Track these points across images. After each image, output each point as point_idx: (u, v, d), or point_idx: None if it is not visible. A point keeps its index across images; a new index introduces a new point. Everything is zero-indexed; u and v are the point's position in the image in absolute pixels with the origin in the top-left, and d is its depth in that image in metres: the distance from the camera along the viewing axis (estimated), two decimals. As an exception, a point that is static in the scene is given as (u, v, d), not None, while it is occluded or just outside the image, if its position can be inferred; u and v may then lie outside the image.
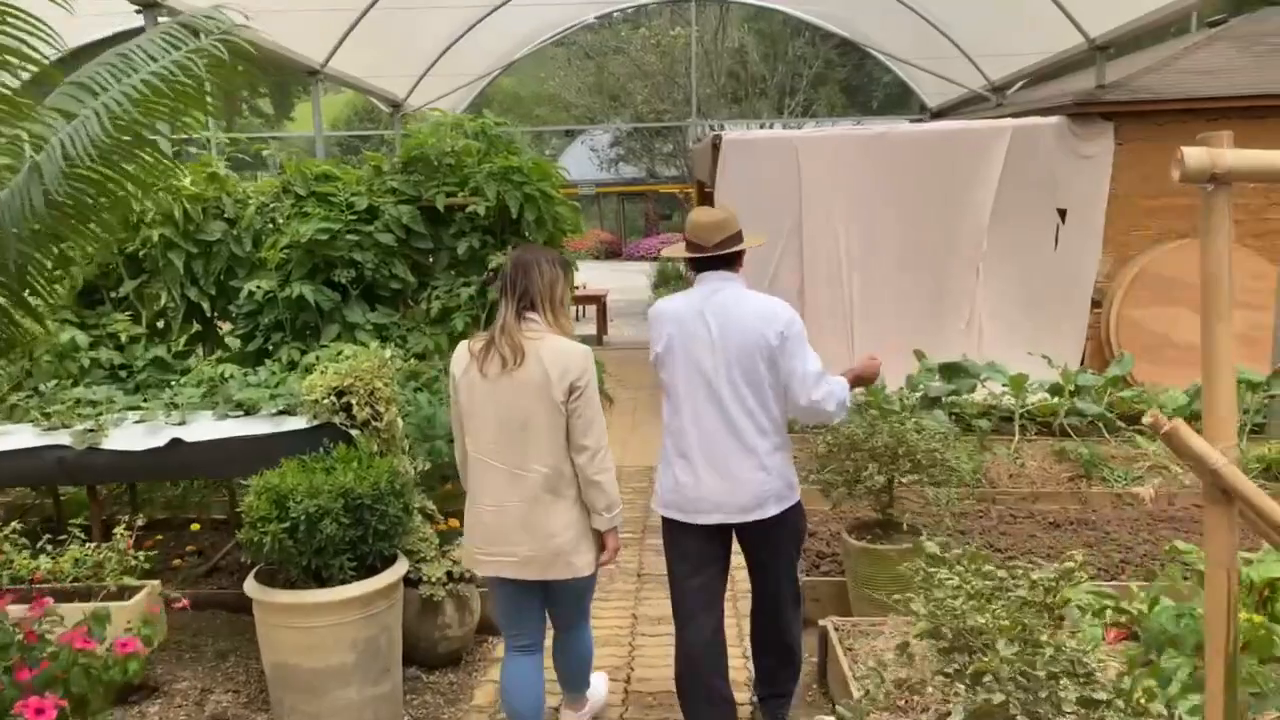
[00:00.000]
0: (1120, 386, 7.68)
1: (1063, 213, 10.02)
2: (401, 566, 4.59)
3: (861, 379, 4.18)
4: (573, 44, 21.82)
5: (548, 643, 4.06)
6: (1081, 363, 10.17)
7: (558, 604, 3.89)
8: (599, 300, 15.14)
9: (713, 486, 3.69)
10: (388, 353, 4.88)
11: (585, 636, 4.07)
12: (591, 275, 16.78)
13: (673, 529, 3.84)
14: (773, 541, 3.87)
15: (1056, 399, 7.71)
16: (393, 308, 5.65)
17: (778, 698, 4.15)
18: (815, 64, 19.30)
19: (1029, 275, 10.08)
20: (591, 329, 14.99)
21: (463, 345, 3.69)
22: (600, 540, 3.69)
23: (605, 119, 21.55)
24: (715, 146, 9.98)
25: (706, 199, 14.51)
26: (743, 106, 19.70)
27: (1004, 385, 7.53)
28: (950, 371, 7.55)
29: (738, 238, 3.89)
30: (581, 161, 24.60)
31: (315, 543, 4.25)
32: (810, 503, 7.01)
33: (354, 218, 5.50)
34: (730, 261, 3.88)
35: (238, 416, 4.82)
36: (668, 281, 18.13)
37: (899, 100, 18.53)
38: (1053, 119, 9.94)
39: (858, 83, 20.30)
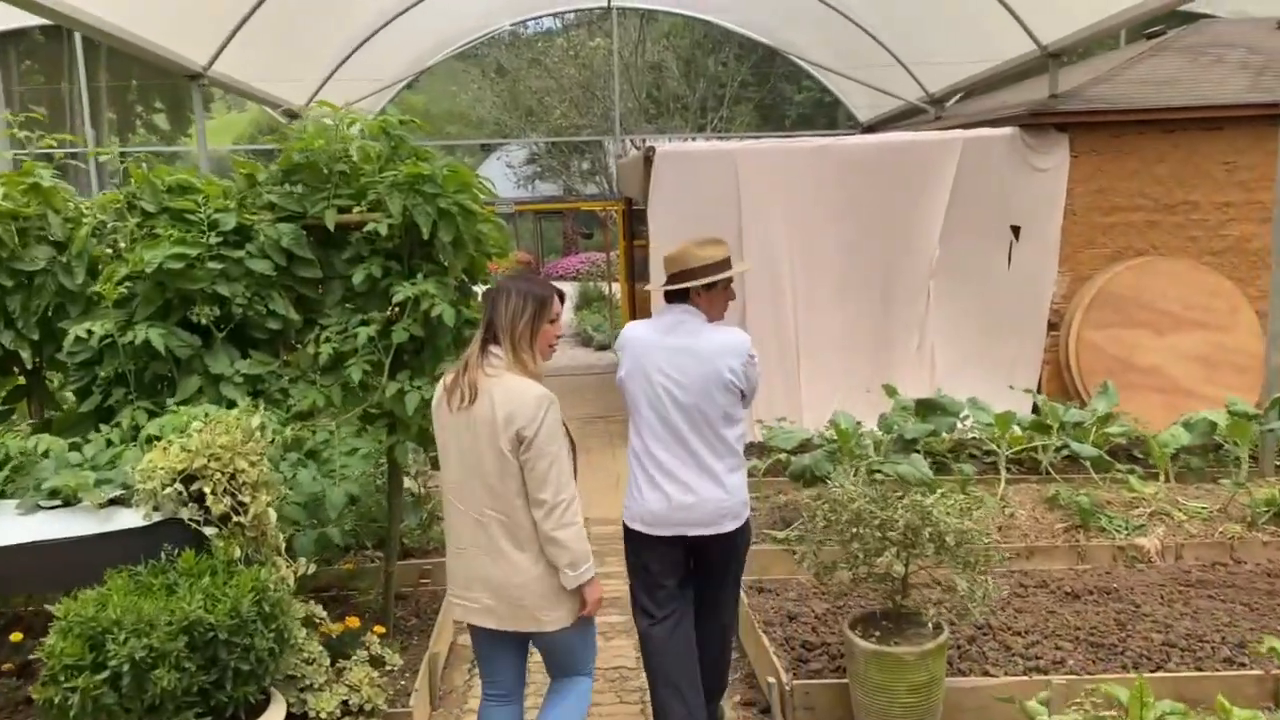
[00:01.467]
0: (1107, 421, 6.65)
1: (1016, 230, 9.03)
2: (277, 713, 3.27)
3: None
4: (486, 57, 20.49)
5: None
6: (1039, 388, 9.19)
7: (541, 651, 3.47)
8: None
9: (677, 503, 3.75)
10: (256, 420, 3.54)
11: (577, 690, 3.48)
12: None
13: (637, 541, 3.87)
14: (725, 554, 3.94)
15: (1040, 437, 6.64)
16: (270, 353, 4.32)
17: (712, 694, 4.12)
18: (738, 78, 18.23)
19: (982, 296, 9.07)
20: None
21: (442, 380, 3.38)
22: (579, 593, 3.26)
23: (522, 134, 20.23)
24: (648, 160, 8.78)
25: (636, 216, 13.34)
26: (662, 123, 18.54)
27: (987, 424, 6.44)
28: (926, 409, 6.44)
29: (712, 269, 3.86)
30: (497, 179, 23.16)
31: (147, 699, 2.91)
32: (779, 565, 5.92)
33: (219, 240, 4.15)
34: (686, 294, 3.87)
35: (53, 508, 3.45)
36: (590, 302, 16.87)
37: (826, 115, 17.57)
38: (1005, 130, 8.94)
39: (782, 97, 19.27)
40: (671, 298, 3.88)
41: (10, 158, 5.29)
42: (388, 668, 4.36)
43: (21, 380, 4.60)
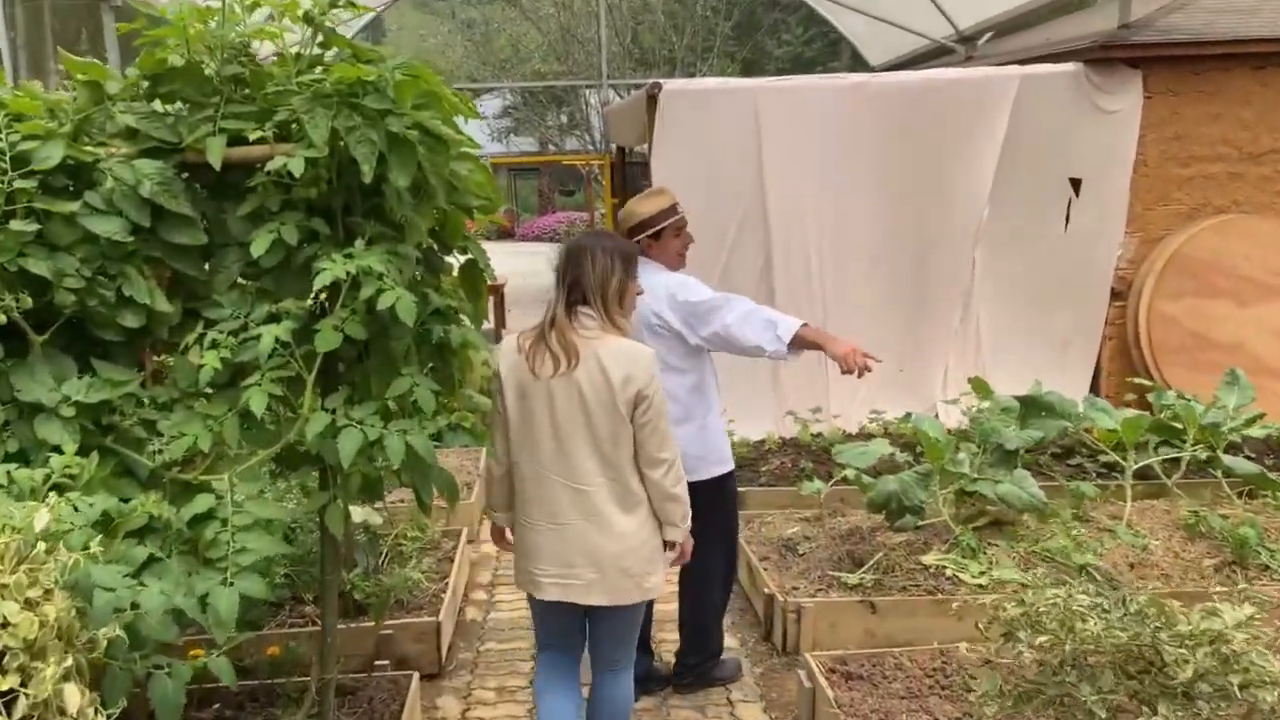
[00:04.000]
0: (1251, 424, 5.05)
1: (1076, 184, 7.38)
2: None
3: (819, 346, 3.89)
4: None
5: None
6: (1097, 369, 7.61)
7: (604, 637, 3.11)
8: (496, 289, 12.04)
9: None
10: (42, 520, 1.84)
11: (626, 682, 3.17)
12: (485, 258, 13.47)
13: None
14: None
15: (1181, 447, 5.00)
16: (127, 363, 2.62)
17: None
18: (731, 18, 16.24)
19: (1035, 261, 7.41)
20: (488, 324, 11.86)
21: (510, 339, 3.05)
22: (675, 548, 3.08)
23: (497, 80, 18.18)
24: (652, 99, 7.03)
25: (632, 171, 11.57)
26: (649, 72, 16.62)
27: (1110, 429, 4.81)
28: (1028, 409, 4.82)
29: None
30: (470, 132, 21.27)
31: None
32: (851, 623, 4.32)
33: (34, 185, 2.45)
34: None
35: None
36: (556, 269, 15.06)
37: (828, 59, 15.68)
38: (1068, 66, 7.24)
39: (779, 40, 17.21)
40: None
41: None
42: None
43: None
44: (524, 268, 17.65)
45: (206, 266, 2.76)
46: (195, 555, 2.49)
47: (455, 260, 3.04)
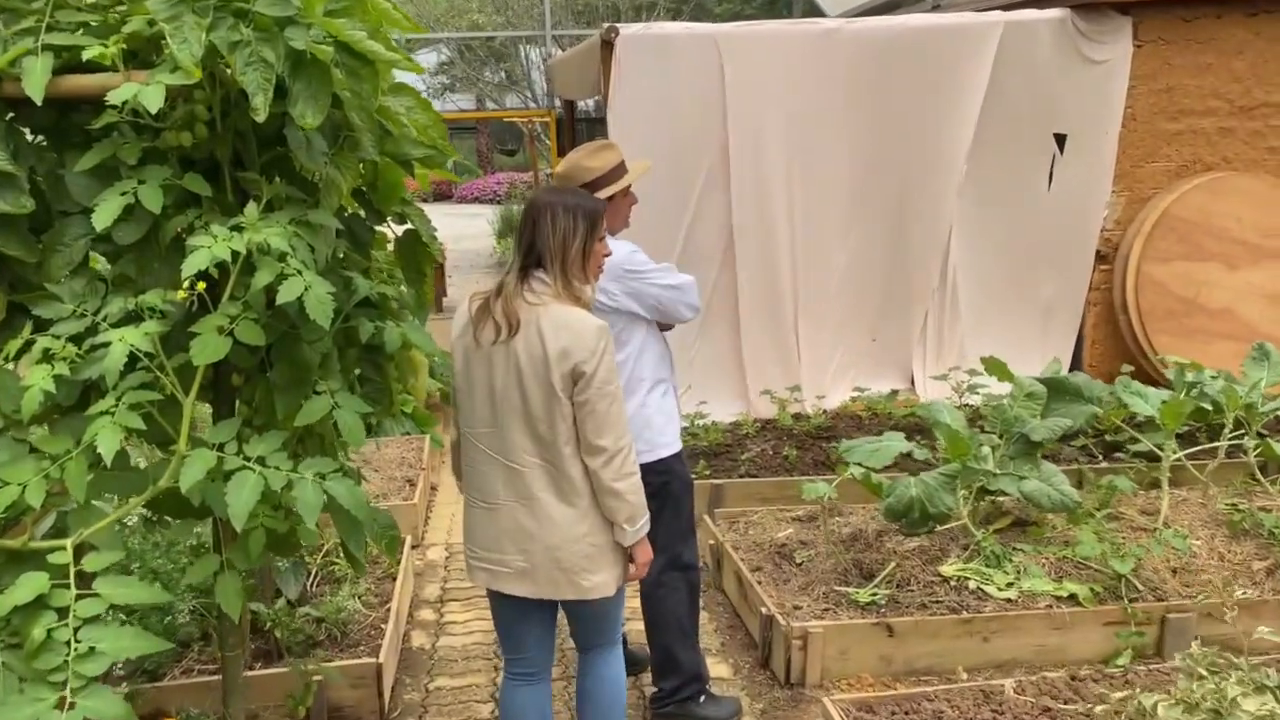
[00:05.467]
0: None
1: (1060, 140, 6.74)
2: None
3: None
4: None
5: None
6: (1080, 336, 7.03)
7: (572, 620, 2.83)
8: (435, 254, 11.13)
9: None
10: None
11: (614, 661, 2.88)
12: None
13: None
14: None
15: (1219, 433, 4.38)
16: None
17: None
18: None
19: (1016, 222, 6.75)
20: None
21: (464, 304, 2.66)
22: (625, 554, 2.65)
23: (435, 31, 16.91)
24: (607, 44, 6.20)
25: (582, 128, 10.69)
26: (593, 27, 15.55)
27: (1149, 415, 4.16)
28: (1055, 393, 4.15)
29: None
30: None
31: None
32: (864, 650, 3.64)
33: None
34: None
35: None
36: (514, 228, 14.17)
37: (781, 10, 14.75)
38: (1053, 11, 6.54)
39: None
40: None
41: None
42: None
43: None
44: (463, 230, 16.68)
45: (39, 243, 1.93)
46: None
47: (391, 231, 2.24)
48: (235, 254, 1.70)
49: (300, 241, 1.77)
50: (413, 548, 4.72)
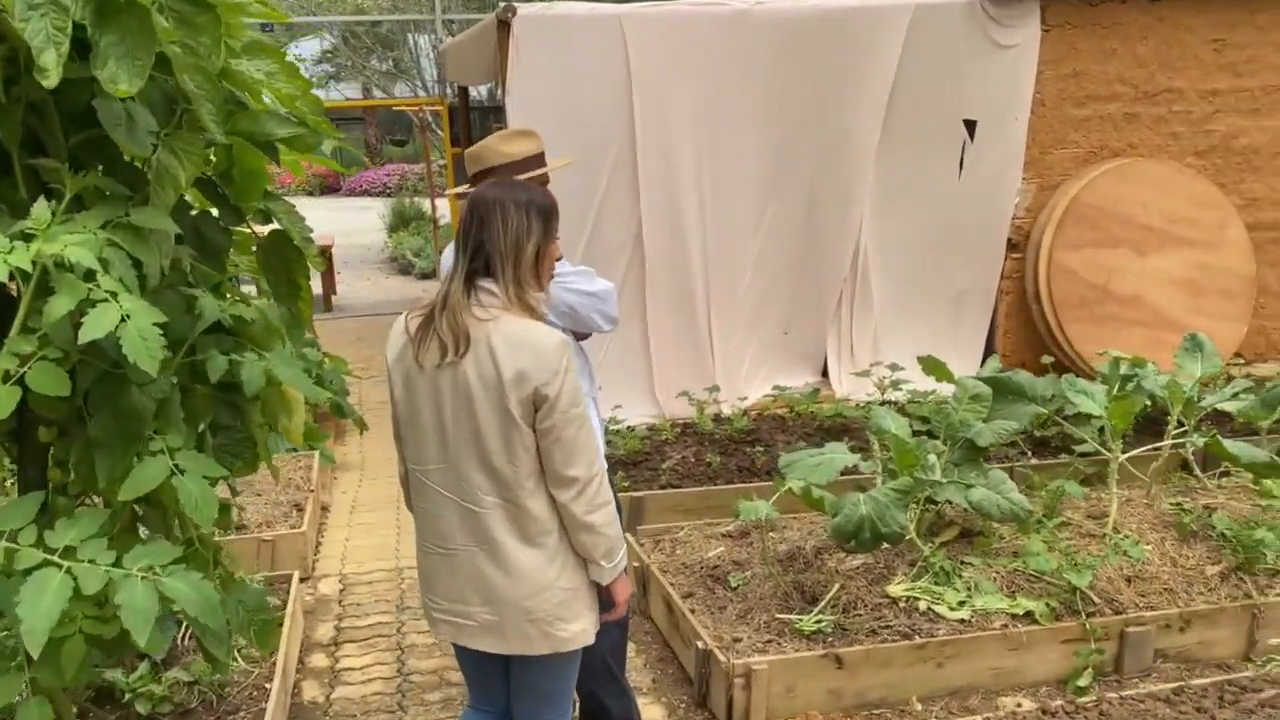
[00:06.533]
0: (1232, 398, 4.23)
1: (971, 127, 6.52)
2: None
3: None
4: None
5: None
6: (993, 322, 6.83)
7: (522, 690, 2.40)
8: (324, 251, 10.42)
9: None
10: None
11: None
12: (306, 217, 11.81)
13: None
14: None
15: (1162, 430, 4.14)
16: None
17: None
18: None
19: (927, 211, 6.51)
20: (315, 288, 10.22)
21: (400, 321, 2.28)
22: (599, 594, 2.33)
23: (320, 15, 15.90)
24: (503, 26, 5.70)
25: (476, 116, 10.11)
26: (485, 11, 14.83)
27: (1093, 414, 3.88)
28: (999, 393, 3.84)
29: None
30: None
31: None
32: (811, 684, 3.22)
33: None
34: None
35: None
36: (407, 222, 13.44)
37: None
38: (961, -6, 6.35)
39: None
40: None
41: None
42: None
43: None
44: (350, 225, 15.88)
45: None
46: None
47: (251, 232, 1.74)
48: (18, 271, 1.20)
49: (117, 252, 1.27)
50: (302, 581, 4.17)
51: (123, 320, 1.22)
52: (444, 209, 12.14)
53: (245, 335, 1.60)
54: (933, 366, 4.15)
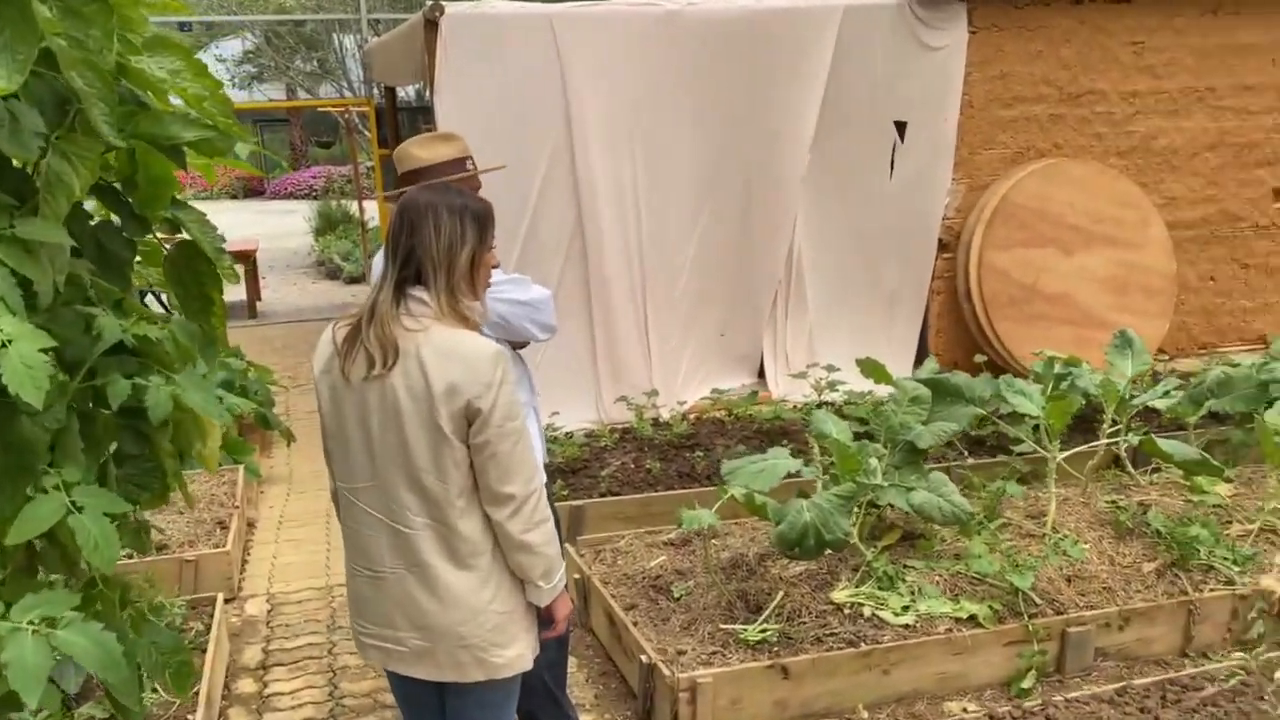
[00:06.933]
0: (1164, 395, 4.27)
1: (901, 128, 6.54)
2: None
3: None
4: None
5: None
6: (925, 321, 6.86)
7: (456, 716, 2.29)
8: (248, 255, 10.09)
9: None
10: None
11: None
12: (229, 221, 11.44)
13: None
14: None
15: (1098, 429, 4.16)
16: None
17: None
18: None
19: (859, 212, 6.51)
20: (239, 295, 9.91)
21: (327, 331, 2.17)
22: (538, 615, 2.23)
23: (243, 14, 15.37)
24: (431, 25, 5.56)
25: (406, 117, 9.89)
26: (412, 10, 14.46)
27: (1030, 415, 3.88)
28: (938, 394, 3.81)
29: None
30: (207, 79, 18.32)
31: None
32: (757, 695, 3.18)
33: None
34: None
35: None
36: (334, 225, 13.13)
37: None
38: (890, -4, 6.36)
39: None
40: None
41: None
42: None
43: None
44: (275, 229, 15.49)
45: None
46: None
47: (159, 243, 1.60)
48: None
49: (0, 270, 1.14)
50: (227, 602, 3.98)
51: (3, 346, 1.09)
52: (372, 212, 11.89)
53: (151, 356, 1.46)
54: (872, 369, 4.12)
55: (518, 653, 2.20)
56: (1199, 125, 6.94)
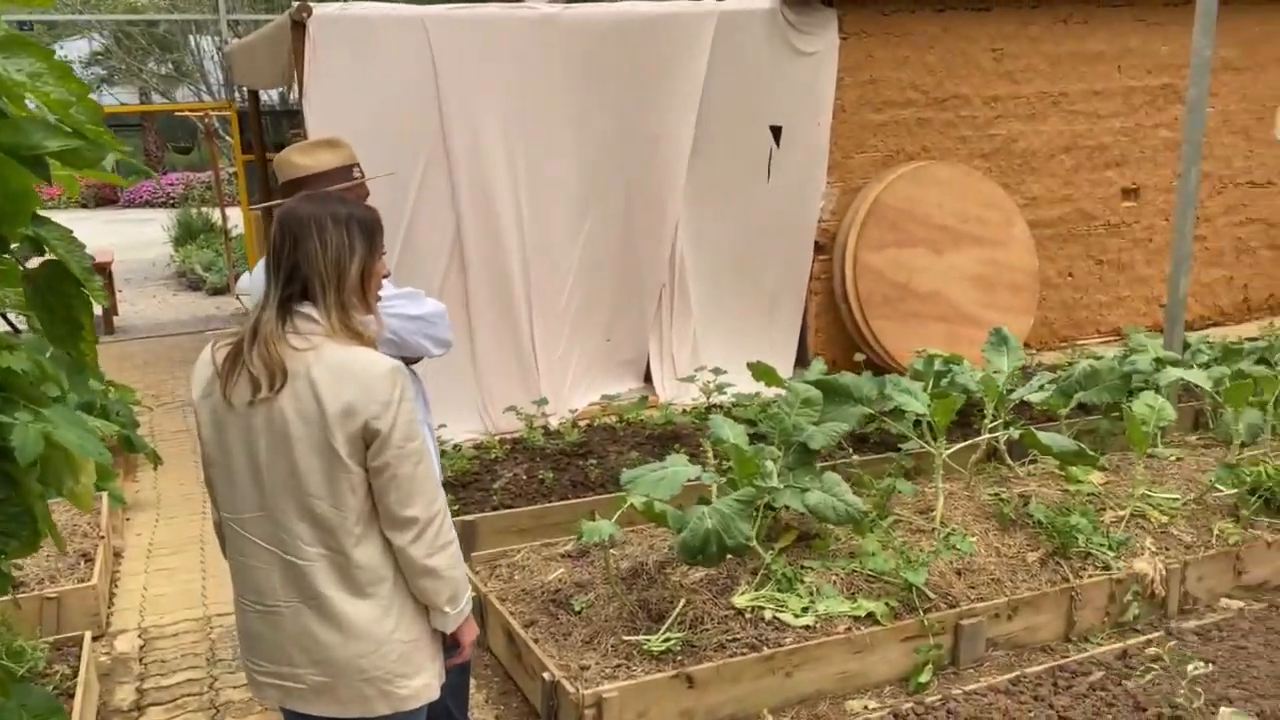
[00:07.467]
0: (1039, 390, 4.41)
1: (776, 132, 6.63)
2: None
3: None
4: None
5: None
6: (804, 322, 6.97)
7: None
8: (103, 268, 9.54)
9: None
10: None
11: None
12: (81, 232, 10.82)
13: None
14: None
15: (979, 424, 4.26)
16: None
17: None
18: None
19: (738, 216, 6.59)
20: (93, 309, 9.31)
21: (206, 351, 2.03)
22: (444, 641, 2.15)
23: (90, 13, 14.48)
24: (298, 26, 5.34)
25: (267, 120, 9.48)
26: (272, 10, 13.88)
27: (918, 412, 3.95)
28: (828, 395, 3.84)
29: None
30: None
31: None
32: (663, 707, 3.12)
33: None
34: None
35: None
36: (195, 234, 12.51)
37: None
38: (763, 2, 6.42)
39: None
40: None
41: None
42: None
43: None
44: (131, 239, 14.70)
45: None
46: None
47: (17, 264, 1.44)
48: None
49: None
50: (95, 639, 3.71)
51: None
52: (236, 220, 11.40)
53: (16, 389, 1.31)
54: (762, 372, 4.15)
55: (424, 682, 2.10)
56: (1054, 128, 7.26)
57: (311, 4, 5.30)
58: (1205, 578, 3.84)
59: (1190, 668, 2.94)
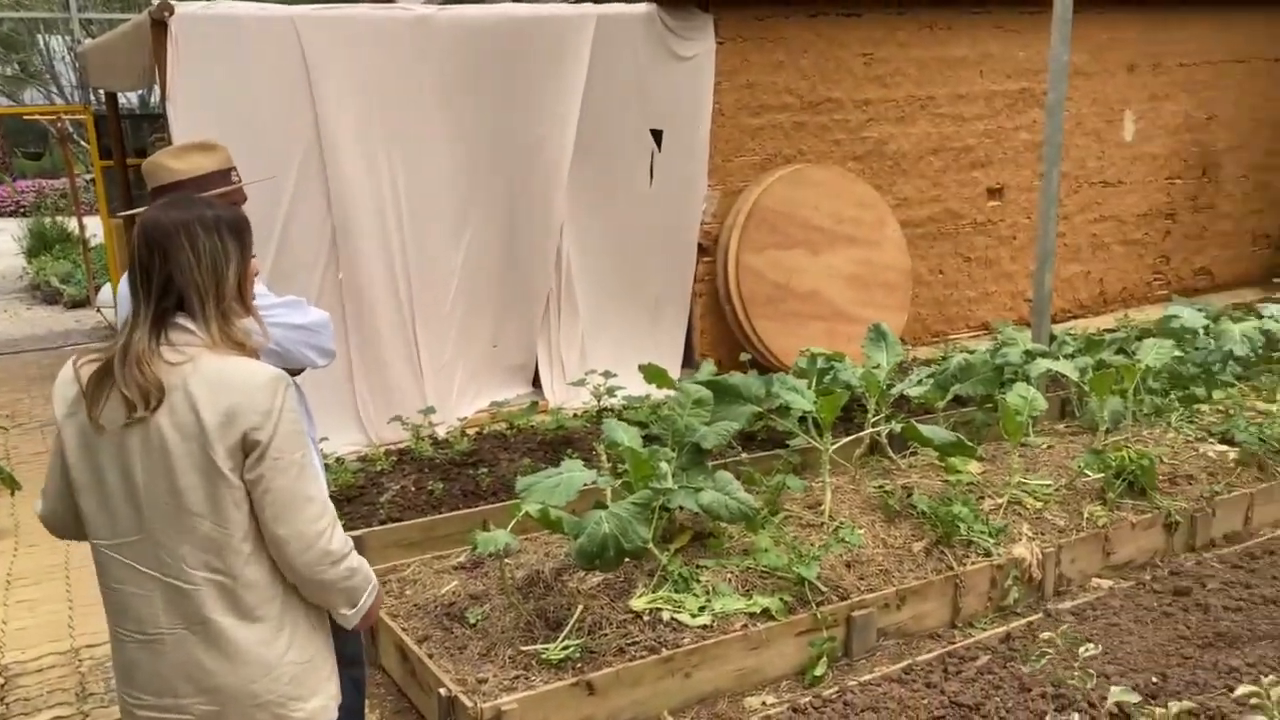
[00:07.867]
0: (917, 384, 4.53)
1: (658, 136, 6.66)
2: None
3: None
4: None
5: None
6: (690, 323, 7.02)
7: None
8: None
9: None
10: None
11: None
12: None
13: None
14: None
15: (864, 419, 4.34)
16: None
17: None
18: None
19: (622, 219, 6.60)
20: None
21: (67, 369, 1.92)
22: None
23: None
24: (159, 25, 5.09)
25: (126, 124, 9.01)
26: (128, 10, 13.19)
27: (804, 410, 3.99)
28: (718, 395, 3.85)
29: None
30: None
31: None
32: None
33: None
34: None
35: None
36: (49, 245, 11.78)
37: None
38: (640, 6, 6.43)
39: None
40: None
41: None
42: None
43: None
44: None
45: None
46: None
47: None
48: None
49: None
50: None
51: None
52: (95, 229, 10.83)
53: None
54: (654, 374, 4.15)
55: (320, 703, 2.03)
56: (923, 131, 7.50)
57: (173, 2, 5.05)
58: (1077, 559, 4.01)
59: (1081, 650, 3.06)
